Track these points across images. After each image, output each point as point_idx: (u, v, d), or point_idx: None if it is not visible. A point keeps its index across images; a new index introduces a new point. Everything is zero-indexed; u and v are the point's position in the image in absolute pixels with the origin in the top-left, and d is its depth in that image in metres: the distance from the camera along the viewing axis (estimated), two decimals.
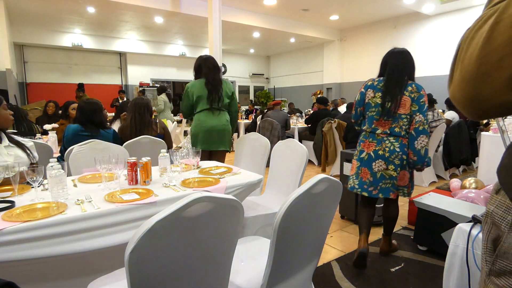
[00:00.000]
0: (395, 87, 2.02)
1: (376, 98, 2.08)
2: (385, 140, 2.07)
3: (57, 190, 1.42)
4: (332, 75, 11.07)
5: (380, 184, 2.09)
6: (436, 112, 4.17)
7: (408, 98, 2.01)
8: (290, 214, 1.07)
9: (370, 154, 2.11)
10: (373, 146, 2.10)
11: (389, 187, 2.08)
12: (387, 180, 2.07)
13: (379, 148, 2.08)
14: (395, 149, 2.04)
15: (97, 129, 2.54)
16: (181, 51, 11.68)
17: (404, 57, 2.09)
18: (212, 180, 1.79)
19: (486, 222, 0.58)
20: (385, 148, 2.06)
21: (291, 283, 1.29)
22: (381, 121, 2.08)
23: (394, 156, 2.04)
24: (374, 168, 2.09)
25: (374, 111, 2.10)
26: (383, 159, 2.06)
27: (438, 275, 1.95)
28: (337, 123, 4.59)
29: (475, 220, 1.42)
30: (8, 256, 1.14)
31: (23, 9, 7.25)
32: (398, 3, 7.47)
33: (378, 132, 2.09)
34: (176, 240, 0.89)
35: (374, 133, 2.11)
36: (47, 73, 9.95)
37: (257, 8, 8.08)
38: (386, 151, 2.05)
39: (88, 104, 2.56)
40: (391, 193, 2.09)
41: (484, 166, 3.40)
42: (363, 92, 2.17)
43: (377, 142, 2.09)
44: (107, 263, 1.40)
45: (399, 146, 2.04)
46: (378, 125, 2.10)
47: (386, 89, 2.04)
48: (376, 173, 2.08)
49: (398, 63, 2.07)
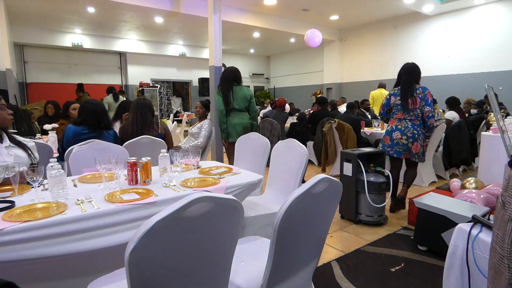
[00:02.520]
0: (407, 92, 3.06)
1: (397, 100, 3.15)
2: (402, 121, 3.13)
3: (57, 190, 1.42)
4: (332, 75, 11.07)
5: (395, 148, 3.12)
6: (436, 112, 4.17)
7: (417, 97, 3.04)
8: (290, 214, 1.07)
9: (392, 127, 3.18)
10: (395, 123, 3.18)
11: (400, 151, 3.11)
12: (400, 146, 3.10)
13: (398, 124, 3.14)
14: (408, 126, 3.09)
15: (101, 131, 2.54)
16: (181, 51, 11.68)
17: (412, 70, 3.10)
18: (212, 180, 1.79)
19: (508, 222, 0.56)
20: (403, 125, 3.11)
21: (291, 283, 1.29)
22: (400, 114, 3.16)
23: (407, 131, 3.08)
24: (393, 136, 3.13)
25: (396, 109, 3.18)
26: (399, 131, 3.10)
27: (438, 275, 1.95)
28: (337, 123, 4.59)
29: (475, 220, 1.42)
30: (8, 256, 1.14)
31: (23, 9, 7.25)
32: (398, 3, 7.47)
33: (400, 117, 3.15)
34: (176, 240, 0.89)
35: (397, 118, 3.18)
36: (47, 73, 9.96)
37: (257, 8, 8.08)
38: (403, 127, 3.10)
39: (98, 106, 2.57)
40: (402, 155, 3.12)
41: (484, 166, 3.40)
42: (388, 98, 3.24)
43: (398, 121, 3.16)
44: (107, 263, 1.39)
45: (411, 125, 3.09)
46: (399, 115, 3.17)
47: (402, 94, 3.09)
48: (394, 140, 3.13)
49: (407, 75, 3.10)
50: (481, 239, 1.34)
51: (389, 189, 2.89)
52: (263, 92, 13.82)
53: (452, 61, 8.02)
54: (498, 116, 1.46)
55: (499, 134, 2.31)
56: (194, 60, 12.21)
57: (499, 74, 7.29)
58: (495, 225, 0.80)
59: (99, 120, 2.54)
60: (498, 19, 7.26)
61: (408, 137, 3.06)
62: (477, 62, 7.61)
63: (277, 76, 14.20)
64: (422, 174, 4.24)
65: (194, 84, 12.54)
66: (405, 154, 3.10)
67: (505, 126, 1.38)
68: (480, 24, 7.53)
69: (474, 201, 2.49)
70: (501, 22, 7.21)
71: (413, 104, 3.02)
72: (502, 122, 1.39)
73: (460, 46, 7.90)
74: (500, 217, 0.78)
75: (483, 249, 1.33)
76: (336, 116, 5.17)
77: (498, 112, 1.43)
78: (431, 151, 4.23)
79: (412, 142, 3.05)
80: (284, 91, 13.45)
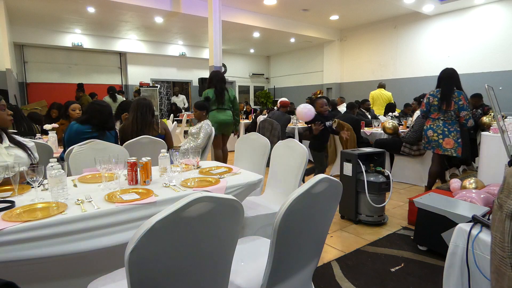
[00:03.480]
0: (446, 95, 3.42)
1: (434, 101, 3.53)
2: (435, 120, 3.58)
3: (57, 190, 1.42)
4: (332, 75, 11.07)
5: (431, 144, 3.61)
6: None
7: (452, 101, 3.41)
8: (290, 214, 1.07)
9: (427, 126, 3.65)
10: (429, 122, 3.63)
11: (434, 146, 3.58)
12: (433, 142, 3.57)
13: (432, 123, 3.60)
14: (439, 125, 3.53)
15: (104, 132, 2.56)
16: (181, 51, 11.68)
17: (452, 75, 3.50)
18: (212, 180, 1.79)
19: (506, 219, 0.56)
20: (435, 124, 3.57)
21: (291, 283, 1.29)
22: (435, 114, 3.58)
23: (438, 129, 3.53)
24: (428, 134, 3.61)
25: (433, 108, 3.58)
26: (432, 130, 3.58)
27: (438, 275, 1.95)
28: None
29: (475, 220, 1.42)
30: (8, 256, 1.14)
31: (23, 9, 7.25)
32: (398, 3, 7.47)
33: (435, 117, 3.58)
34: (176, 240, 0.89)
35: (432, 118, 3.61)
36: (47, 73, 9.95)
37: (257, 8, 8.08)
38: (435, 126, 3.56)
39: (106, 108, 2.60)
40: (435, 150, 3.59)
41: (484, 166, 3.40)
42: (429, 97, 3.61)
43: (432, 120, 3.60)
44: (107, 263, 1.39)
45: (442, 123, 3.51)
46: (434, 115, 3.58)
47: (441, 96, 3.45)
48: (429, 137, 3.60)
49: (447, 80, 3.49)
50: (481, 239, 1.34)
51: (389, 189, 2.89)
52: (263, 92, 13.81)
53: (452, 61, 8.02)
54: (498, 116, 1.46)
55: (499, 134, 2.31)
56: (194, 60, 12.21)
57: (499, 74, 7.29)
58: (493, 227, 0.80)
59: (105, 121, 2.57)
60: (498, 19, 7.26)
61: (439, 134, 3.52)
62: (477, 62, 7.61)
63: (277, 76, 14.19)
64: (422, 174, 4.24)
65: (194, 84, 12.54)
66: (437, 150, 3.56)
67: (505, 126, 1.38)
68: (480, 24, 7.53)
69: (474, 201, 2.48)
70: (501, 22, 7.21)
71: (447, 106, 3.40)
72: (502, 122, 1.39)
73: (460, 46, 7.90)
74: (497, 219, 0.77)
75: (483, 249, 1.33)
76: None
77: (498, 112, 1.43)
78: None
79: (442, 138, 3.48)
80: (284, 91, 13.44)
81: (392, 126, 4.47)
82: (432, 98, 3.55)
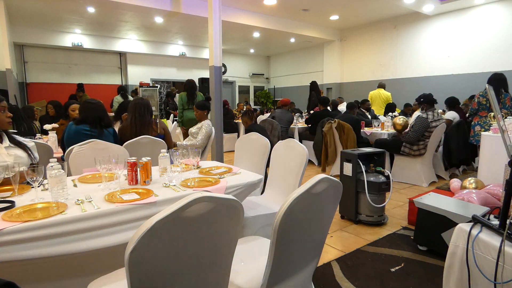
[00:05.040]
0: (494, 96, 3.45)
1: (483, 101, 4.13)
2: (482, 118, 4.16)
3: (57, 190, 1.42)
4: (332, 75, 11.06)
5: (475, 138, 4.21)
6: (436, 112, 4.18)
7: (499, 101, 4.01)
8: (290, 214, 1.07)
9: (475, 122, 4.28)
10: (477, 119, 4.26)
11: (478, 139, 3.94)
12: (478, 136, 3.94)
13: (480, 120, 4.21)
14: (486, 121, 4.08)
15: (101, 129, 2.58)
16: (181, 51, 11.67)
17: (500, 78, 4.09)
18: (212, 180, 1.79)
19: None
20: (482, 121, 4.15)
21: (291, 283, 1.29)
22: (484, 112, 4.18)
23: (484, 124, 4.10)
24: (475, 129, 4.21)
25: (481, 107, 4.18)
26: (479, 125, 4.17)
27: (438, 275, 1.95)
28: (337, 123, 4.59)
29: (475, 220, 1.42)
30: (8, 256, 1.14)
31: (23, 9, 7.25)
32: (398, 3, 7.46)
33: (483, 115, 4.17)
34: (176, 240, 0.89)
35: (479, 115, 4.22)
36: (47, 73, 9.94)
37: (257, 8, 8.08)
38: (482, 122, 4.15)
39: (98, 105, 2.63)
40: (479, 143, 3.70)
41: (484, 166, 3.39)
42: (479, 97, 4.20)
43: (479, 117, 4.22)
44: (107, 263, 1.39)
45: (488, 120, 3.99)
46: (483, 113, 4.19)
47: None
48: (476, 132, 4.12)
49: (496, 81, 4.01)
50: (481, 239, 1.34)
51: (389, 189, 2.89)
52: (263, 92, 13.81)
53: (452, 61, 8.02)
54: (498, 116, 1.46)
55: (499, 134, 2.31)
56: (194, 60, 12.21)
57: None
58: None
59: (99, 119, 2.60)
60: (498, 19, 7.25)
61: (486, 129, 4.00)
62: (477, 62, 7.60)
63: (277, 76, 14.19)
64: (422, 174, 4.24)
65: None
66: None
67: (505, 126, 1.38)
68: (480, 24, 7.53)
69: (474, 201, 2.48)
70: (501, 22, 7.21)
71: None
72: (502, 122, 1.39)
73: (460, 46, 7.90)
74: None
75: (483, 249, 1.33)
76: (336, 116, 5.17)
77: (498, 112, 1.43)
78: (431, 151, 4.23)
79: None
80: (284, 91, 13.45)
81: (402, 122, 4.56)
82: (482, 98, 4.16)
